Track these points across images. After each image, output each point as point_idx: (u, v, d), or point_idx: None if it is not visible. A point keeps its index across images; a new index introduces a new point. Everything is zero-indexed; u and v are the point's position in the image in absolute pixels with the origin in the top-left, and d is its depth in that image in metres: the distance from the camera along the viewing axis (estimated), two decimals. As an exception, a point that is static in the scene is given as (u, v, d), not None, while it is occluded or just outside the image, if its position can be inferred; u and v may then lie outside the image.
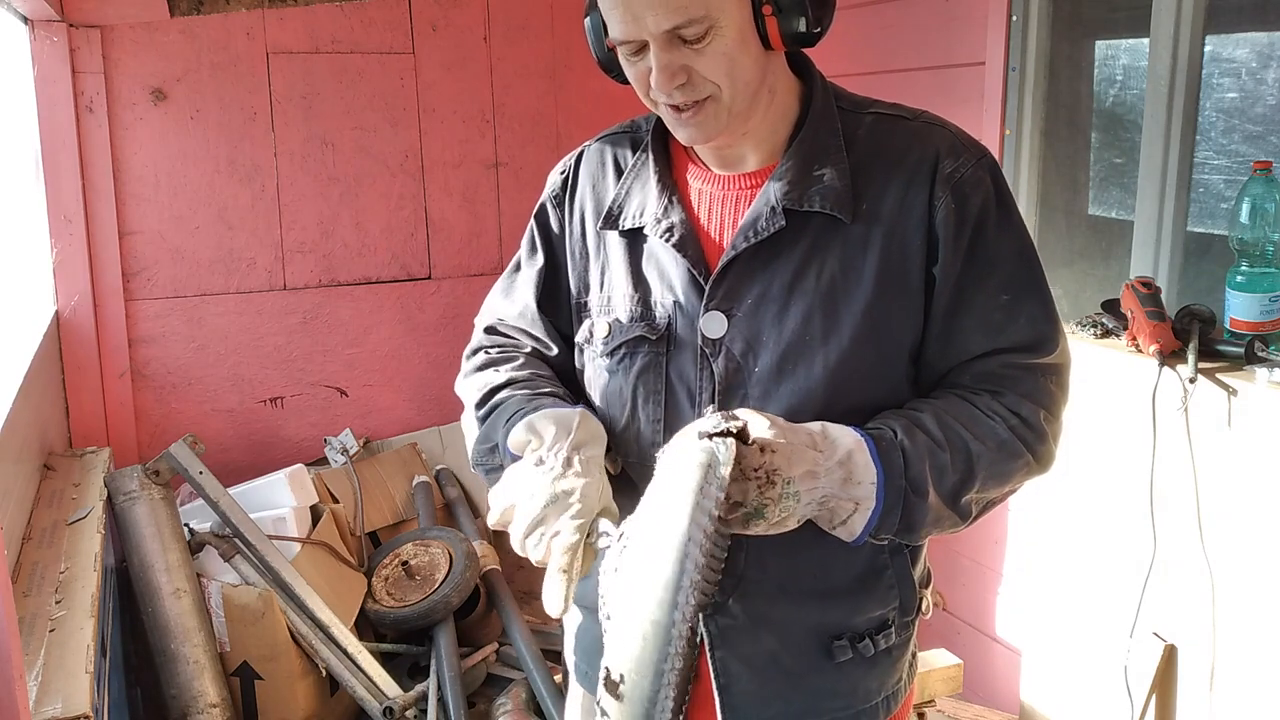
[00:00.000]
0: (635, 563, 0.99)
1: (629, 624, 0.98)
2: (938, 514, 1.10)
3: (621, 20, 1.08)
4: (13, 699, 1.10)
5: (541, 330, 1.32)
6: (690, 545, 0.94)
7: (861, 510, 1.06)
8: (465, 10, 3.35)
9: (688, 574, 0.94)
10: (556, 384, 1.28)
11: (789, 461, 1.01)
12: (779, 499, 1.01)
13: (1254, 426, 1.74)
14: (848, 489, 1.05)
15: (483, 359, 1.32)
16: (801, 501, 1.02)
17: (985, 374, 1.16)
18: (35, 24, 2.81)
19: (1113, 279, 2.39)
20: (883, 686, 1.25)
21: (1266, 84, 2.06)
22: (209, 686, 2.40)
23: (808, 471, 1.02)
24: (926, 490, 1.08)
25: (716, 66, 1.08)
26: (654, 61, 1.09)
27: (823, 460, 1.04)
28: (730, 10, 1.07)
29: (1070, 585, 2.16)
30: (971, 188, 1.14)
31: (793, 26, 1.09)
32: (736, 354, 1.16)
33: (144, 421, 3.12)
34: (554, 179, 1.35)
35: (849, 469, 1.05)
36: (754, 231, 1.15)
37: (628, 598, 0.99)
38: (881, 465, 1.06)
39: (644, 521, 1.01)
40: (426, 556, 2.94)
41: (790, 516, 1.03)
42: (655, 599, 0.95)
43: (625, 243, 1.25)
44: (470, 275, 3.47)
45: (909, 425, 1.10)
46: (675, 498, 0.96)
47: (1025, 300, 1.16)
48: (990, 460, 1.12)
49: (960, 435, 1.11)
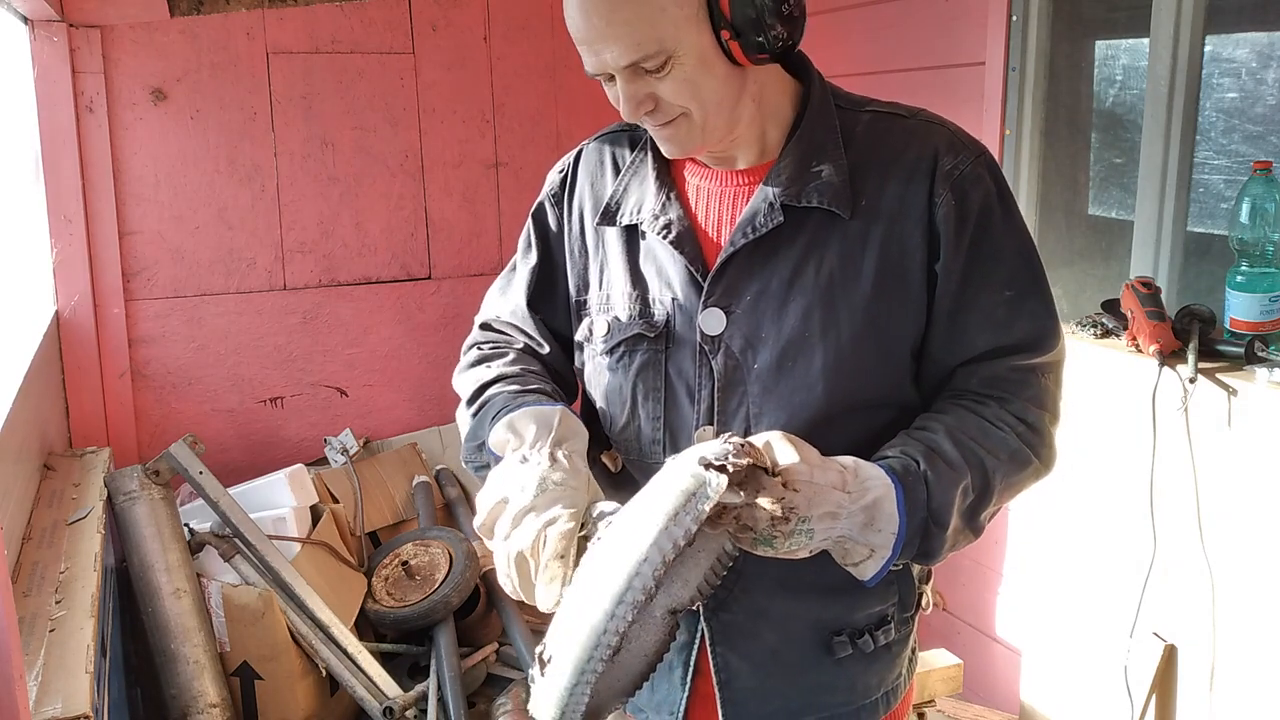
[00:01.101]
0: (598, 559, 1.01)
1: (571, 614, 1.00)
2: (955, 539, 1.10)
3: (586, 56, 1.11)
4: (13, 699, 1.10)
5: (533, 329, 1.34)
6: (644, 565, 0.95)
7: (875, 558, 1.05)
8: (465, 10, 3.35)
9: (632, 591, 0.95)
10: (545, 379, 1.28)
11: (809, 502, 0.99)
12: (790, 534, 0.99)
13: (1254, 426, 1.74)
14: (866, 534, 1.04)
15: (475, 355, 1.33)
16: (815, 539, 1.01)
17: (992, 379, 1.16)
18: (35, 24, 2.81)
19: (1113, 279, 2.39)
20: (882, 682, 1.26)
21: (1266, 84, 2.06)
22: (209, 686, 2.40)
23: (828, 513, 1.00)
24: (947, 521, 1.08)
25: (680, 91, 1.10)
26: (620, 92, 1.11)
27: (847, 503, 1.02)
28: (687, 39, 1.07)
29: (1070, 585, 2.16)
30: (971, 185, 1.14)
31: (755, 46, 1.10)
32: (736, 351, 1.17)
33: (144, 421, 3.12)
34: (552, 177, 1.36)
35: (872, 515, 1.03)
36: (752, 228, 1.16)
37: (583, 586, 1.01)
38: (906, 517, 1.04)
39: (619, 524, 1.01)
40: (426, 556, 2.94)
41: (801, 550, 1.01)
42: (598, 604, 0.97)
43: (623, 240, 1.25)
44: (470, 275, 3.47)
45: (929, 452, 1.09)
46: (650, 515, 0.96)
47: (1028, 296, 1.17)
48: (1004, 473, 1.12)
49: (976, 453, 1.11)
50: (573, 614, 1.00)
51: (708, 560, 1.01)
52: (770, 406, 1.15)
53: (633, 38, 1.06)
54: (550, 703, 1.00)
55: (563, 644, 1.00)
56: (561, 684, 0.99)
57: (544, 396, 1.21)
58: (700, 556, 1.01)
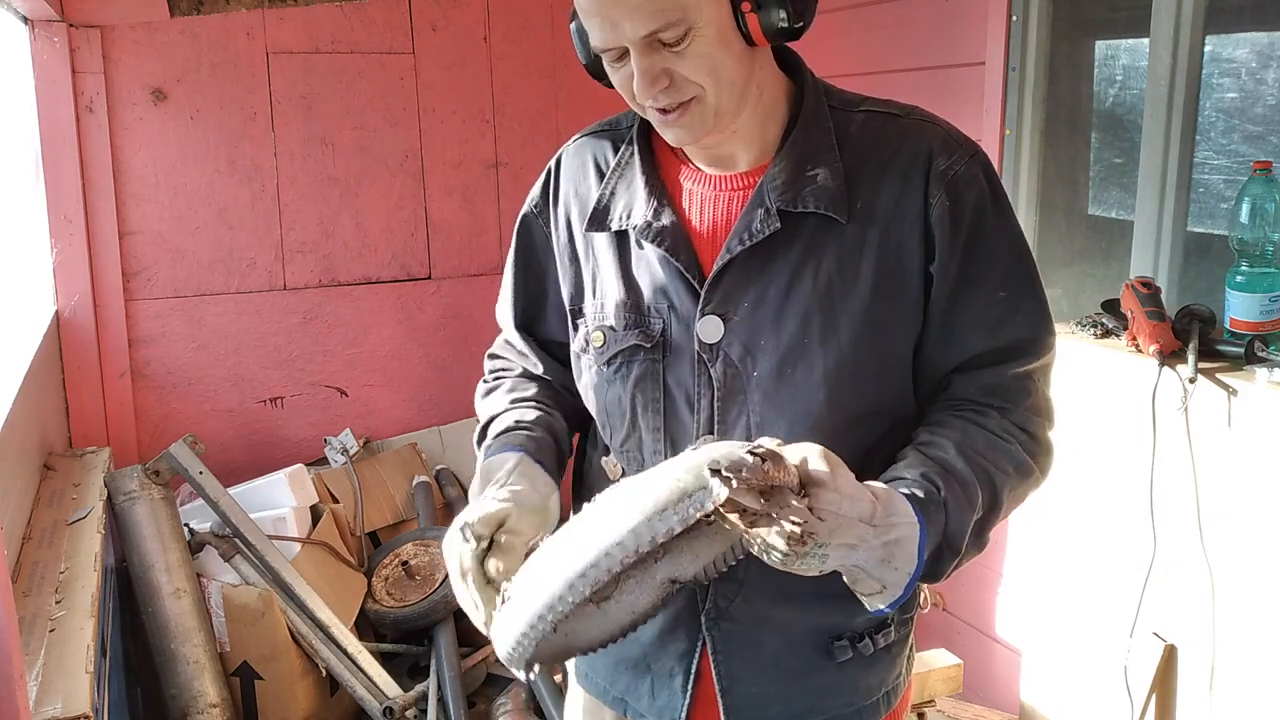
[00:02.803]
0: (585, 519, 0.99)
1: (536, 572, 1.00)
2: (964, 559, 1.09)
3: (600, 28, 1.07)
4: (13, 699, 1.10)
5: (526, 348, 1.35)
6: (610, 552, 0.93)
7: (885, 595, 1.01)
8: (465, 10, 3.35)
9: (589, 574, 0.94)
10: (540, 405, 1.29)
11: (832, 533, 0.93)
12: (802, 556, 0.92)
13: (1254, 426, 1.74)
14: (881, 570, 0.99)
15: (490, 383, 1.36)
16: (829, 564, 0.95)
17: (992, 387, 1.15)
18: (35, 24, 2.81)
19: (1113, 279, 2.39)
20: (883, 682, 1.26)
21: (1266, 84, 2.06)
22: (209, 686, 2.40)
23: (848, 544, 0.95)
24: (960, 545, 1.06)
25: (698, 67, 1.07)
26: (635, 67, 1.08)
27: (870, 537, 0.96)
28: (708, 10, 1.06)
29: (1070, 585, 2.16)
30: (966, 184, 1.13)
31: (774, 21, 1.07)
32: (735, 359, 1.15)
33: (144, 421, 3.12)
34: (534, 189, 1.35)
35: (892, 552, 0.98)
36: (749, 234, 1.14)
37: (556, 546, 1.00)
38: (923, 549, 1.00)
39: (621, 488, 0.99)
40: (426, 556, 2.94)
41: (810, 570, 0.95)
42: (556, 574, 0.96)
43: (614, 245, 1.23)
44: (470, 275, 3.47)
45: (946, 476, 1.06)
46: (642, 499, 0.94)
47: (1022, 297, 1.15)
48: (1011, 486, 1.12)
49: (985, 469, 1.09)
50: (536, 572, 1.00)
51: (723, 545, 0.99)
52: (771, 414, 1.14)
53: (654, 4, 1.04)
54: (505, 639, 1.01)
55: (520, 593, 1.00)
56: (512, 629, 0.99)
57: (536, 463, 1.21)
58: (717, 539, 0.99)
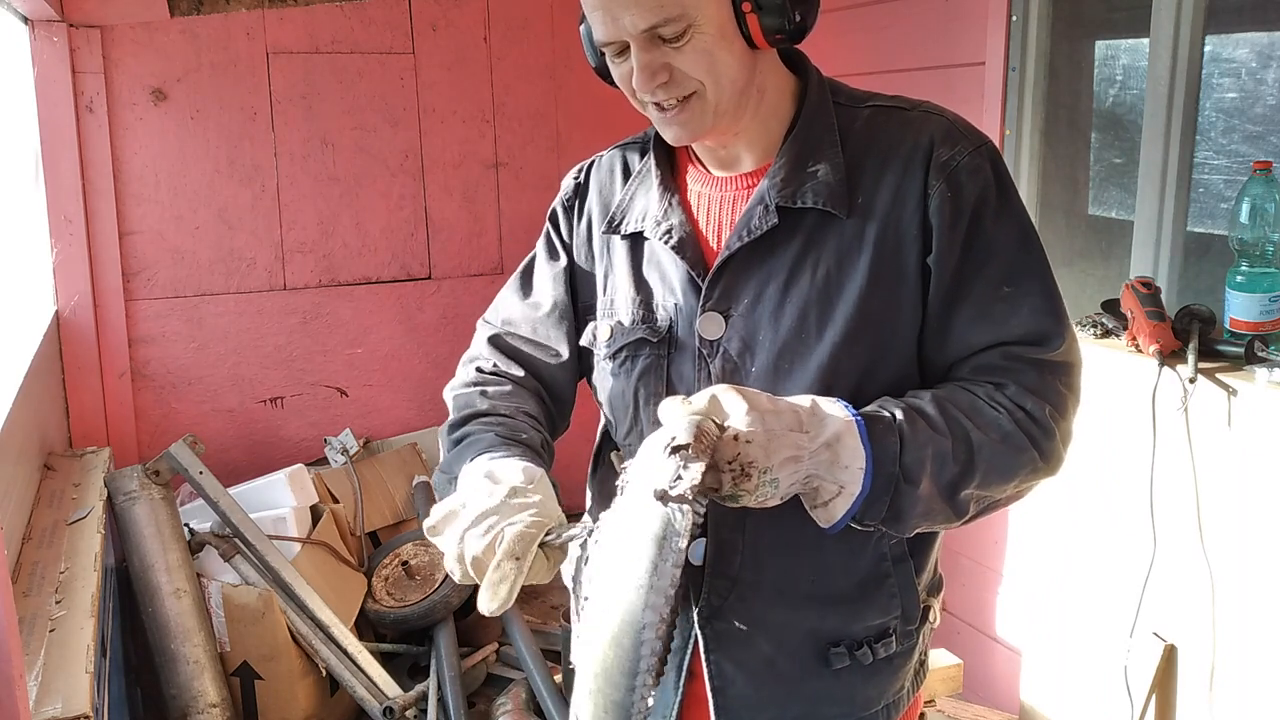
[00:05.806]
0: (594, 634, 0.95)
1: (591, 695, 0.95)
2: (929, 505, 1.06)
3: (602, 22, 1.09)
4: (13, 699, 1.10)
5: (554, 332, 1.30)
6: (646, 632, 0.91)
7: (844, 495, 1.02)
8: (465, 10, 3.35)
9: (644, 659, 0.91)
10: (536, 424, 1.25)
11: (766, 452, 0.97)
12: (755, 489, 0.97)
13: (1254, 426, 1.74)
14: (834, 472, 1.01)
15: (475, 376, 1.31)
16: (781, 486, 0.99)
17: (986, 366, 1.12)
18: (35, 24, 2.81)
19: (1113, 279, 2.39)
20: (883, 695, 1.23)
21: (1266, 84, 2.06)
22: (209, 686, 2.40)
23: (789, 458, 0.98)
24: (920, 479, 1.04)
25: (697, 64, 1.09)
26: (635, 61, 1.09)
27: (807, 443, 0.99)
28: (708, 9, 1.07)
29: (1070, 585, 2.16)
30: (968, 175, 1.11)
31: (774, 23, 1.09)
32: (733, 354, 1.16)
33: (144, 421, 3.12)
34: (567, 183, 1.35)
35: (836, 452, 1.01)
36: (748, 231, 1.15)
37: (588, 662, 0.95)
38: (871, 449, 1.02)
39: (601, 582, 0.96)
40: (426, 556, 2.94)
41: (771, 499, 1.00)
42: (614, 683, 0.93)
43: (628, 247, 1.25)
44: (470, 275, 3.47)
45: (908, 409, 1.06)
46: (631, 573, 0.92)
47: (1028, 292, 1.12)
48: (992, 452, 1.07)
49: (961, 424, 1.06)
50: (592, 695, 0.95)
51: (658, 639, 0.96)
52: None
53: (654, 0, 1.05)
54: None
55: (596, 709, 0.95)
56: None
57: (530, 452, 1.19)
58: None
